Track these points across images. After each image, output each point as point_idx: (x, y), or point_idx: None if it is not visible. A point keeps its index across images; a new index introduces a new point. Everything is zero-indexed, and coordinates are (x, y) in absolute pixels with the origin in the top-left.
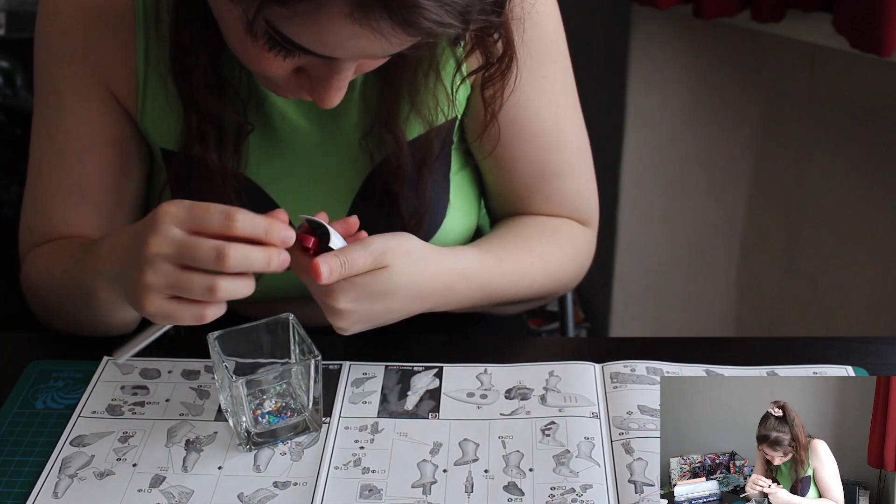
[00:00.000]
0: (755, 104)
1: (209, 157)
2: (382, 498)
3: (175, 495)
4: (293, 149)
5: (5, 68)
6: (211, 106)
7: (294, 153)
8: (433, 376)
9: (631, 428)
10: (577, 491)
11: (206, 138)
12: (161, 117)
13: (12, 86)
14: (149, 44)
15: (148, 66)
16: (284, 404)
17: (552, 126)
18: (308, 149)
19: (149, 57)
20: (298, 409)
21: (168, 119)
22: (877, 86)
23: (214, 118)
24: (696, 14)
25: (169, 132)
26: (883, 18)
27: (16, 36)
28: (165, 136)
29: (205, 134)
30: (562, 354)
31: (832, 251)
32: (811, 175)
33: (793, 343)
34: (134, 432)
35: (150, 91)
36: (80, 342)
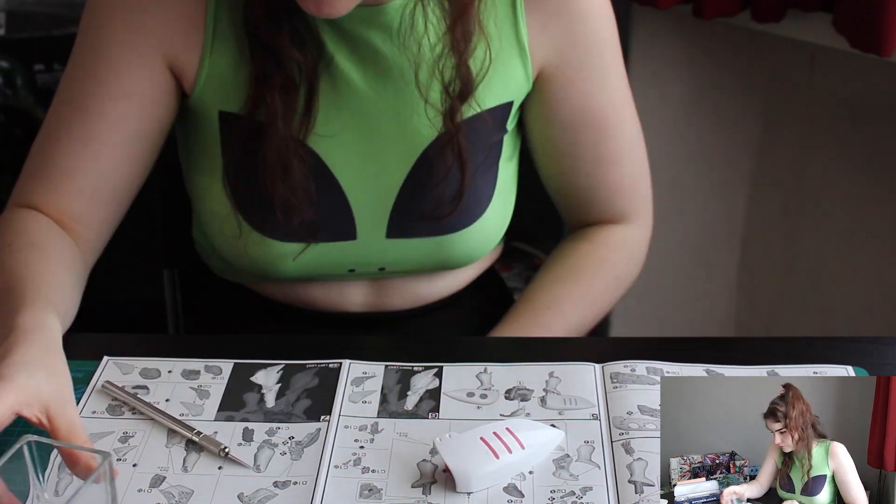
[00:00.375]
0: (755, 104)
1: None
2: (382, 498)
3: (175, 495)
4: (354, 116)
5: (5, 68)
6: (277, 44)
7: (355, 120)
8: (433, 376)
9: (631, 428)
10: (577, 493)
11: (272, 83)
12: (227, 78)
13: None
14: (219, 6)
15: (216, 28)
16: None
17: (613, 116)
18: (369, 116)
19: (219, 12)
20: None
21: (236, 77)
22: (877, 86)
23: (280, 59)
24: (696, 14)
25: (234, 92)
26: (883, 18)
27: (16, 36)
28: (230, 97)
29: (270, 79)
30: (562, 354)
31: (832, 251)
32: (811, 175)
33: (793, 343)
34: (134, 432)
35: (217, 50)
36: (80, 342)
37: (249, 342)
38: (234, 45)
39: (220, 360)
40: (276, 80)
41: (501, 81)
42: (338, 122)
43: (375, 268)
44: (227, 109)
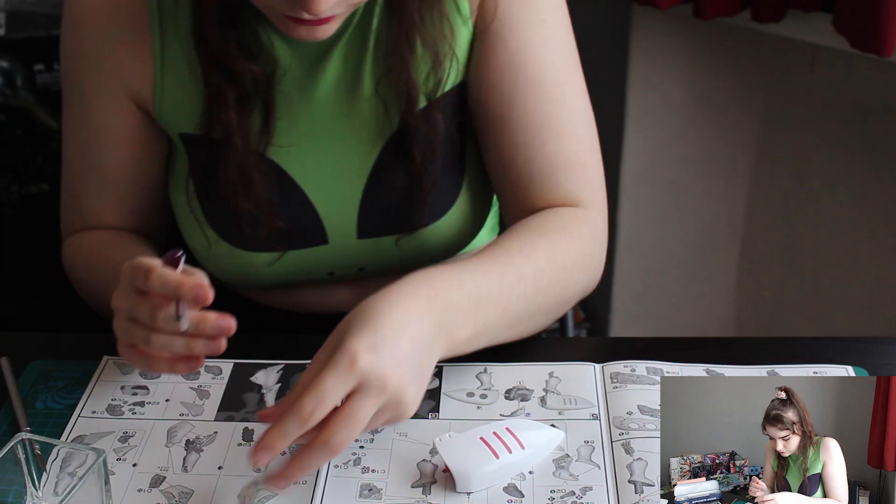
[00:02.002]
0: (755, 104)
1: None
2: (382, 498)
3: (175, 495)
4: (312, 123)
5: (5, 68)
6: (229, 60)
7: (312, 128)
8: (433, 376)
9: (631, 428)
10: (577, 493)
11: (226, 100)
12: (181, 99)
13: (12, 86)
14: (163, 27)
15: (164, 50)
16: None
17: (551, 77)
18: (325, 123)
19: (164, 40)
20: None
21: (189, 98)
22: (877, 86)
23: (234, 74)
24: (696, 14)
25: (190, 113)
26: (883, 18)
27: (16, 36)
28: (186, 118)
29: (224, 95)
30: (562, 354)
31: (832, 251)
32: (811, 175)
33: (793, 343)
34: (134, 432)
35: (167, 76)
36: (80, 342)
37: (249, 342)
38: (184, 67)
39: (220, 360)
40: (229, 96)
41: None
42: (296, 132)
43: (353, 269)
44: (185, 131)
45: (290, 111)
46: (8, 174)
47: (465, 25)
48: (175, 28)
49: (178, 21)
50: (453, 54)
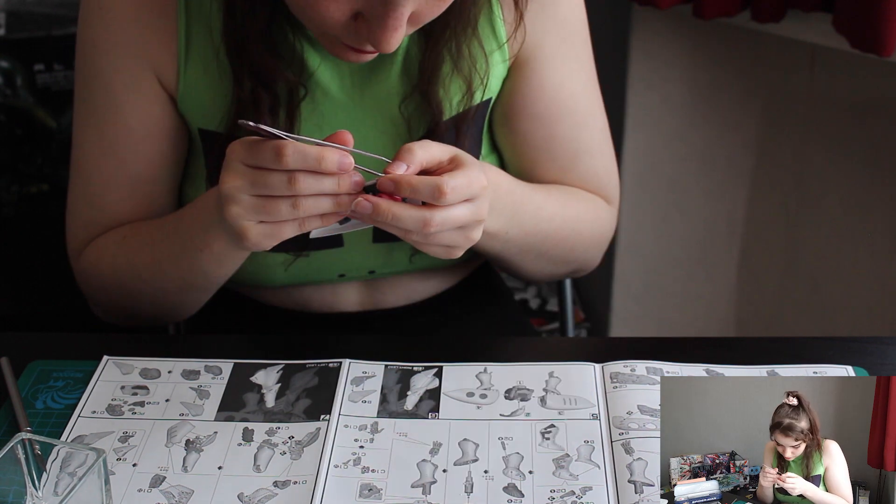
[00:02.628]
0: (755, 104)
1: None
2: (382, 497)
3: (175, 495)
4: (335, 126)
5: (5, 68)
6: (267, 68)
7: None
8: (433, 376)
9: (631, 428)
10: (577, 493)
11: (261, 106)
12: (203, 96)
13: (12, 86)
14: (189, 20)
15: (189, 43)
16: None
17: (584, 105)
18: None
19: (190, 33)
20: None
21: (212, 97)
22: (877, 86)
23: (270, 81)
24: (696, 14)
25: (213, 111)
26: (883, 18)
27: (16, 36)
28: (207, 115)
29: (259, 101)
30: (562, 354)
31: (832, 251)
32: (811, 175)
33: (793, 343)
34: (134, 432)
35: (190, 69)
36: (80, 342)
37: (249, 342)
38: (209, 64)
39: (220, 360)
40: (264, 103)
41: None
42: (319, 135)
43: (365, 271)
44: (206, 127)
45: (316, 113)
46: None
47: (499, 51)
48: (201, 27)
49: (207, 20)
50: (484, 81)
